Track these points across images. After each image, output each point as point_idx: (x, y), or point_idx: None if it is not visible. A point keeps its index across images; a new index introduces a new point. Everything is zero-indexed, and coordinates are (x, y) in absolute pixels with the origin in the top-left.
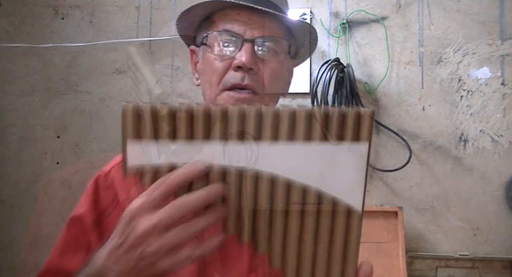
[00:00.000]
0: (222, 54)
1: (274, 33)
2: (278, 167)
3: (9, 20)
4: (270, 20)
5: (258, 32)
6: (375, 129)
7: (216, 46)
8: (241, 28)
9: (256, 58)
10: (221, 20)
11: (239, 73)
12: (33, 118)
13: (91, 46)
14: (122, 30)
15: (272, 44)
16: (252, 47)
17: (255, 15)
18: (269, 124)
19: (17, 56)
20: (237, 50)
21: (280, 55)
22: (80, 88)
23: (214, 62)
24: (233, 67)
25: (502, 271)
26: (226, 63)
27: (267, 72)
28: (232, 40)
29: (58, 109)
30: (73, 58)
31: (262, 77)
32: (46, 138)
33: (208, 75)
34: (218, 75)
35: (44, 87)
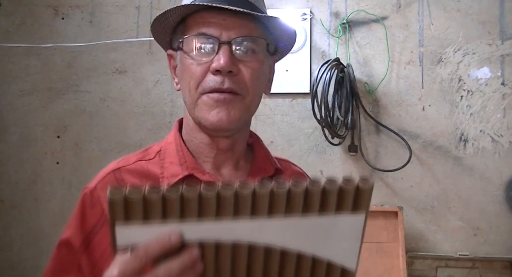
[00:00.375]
0: (199, 58)
1: (251, 32)
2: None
3: (9, 20)
4: (245, 20)
5: (234, 33)
6: (376, 129)
7: (193, 50)
8: (217, 30)
9: (234, 60)
10: (195, 23)
11: (218, 77)
12: (33, 118)
13: (91, 46)
14: (122, 30)
15: (250, 43)
16: (230, 49)
17: (230, 16)
18: (264, 205)
19: (17, 56)
20: (215, 53)
21: (259, 54)
22: (80, 88)
23: (191, 67)
24: (212, 71)
25: (502, 271)
26: (204, 67)
27: (248, 73)
28: (208, 43)
29: (58, 109)
30: (73, 58)
31: (243, 78)
32: (46, 138)
33: (187, 80)
34: (196, 79)
35: (44, 87)
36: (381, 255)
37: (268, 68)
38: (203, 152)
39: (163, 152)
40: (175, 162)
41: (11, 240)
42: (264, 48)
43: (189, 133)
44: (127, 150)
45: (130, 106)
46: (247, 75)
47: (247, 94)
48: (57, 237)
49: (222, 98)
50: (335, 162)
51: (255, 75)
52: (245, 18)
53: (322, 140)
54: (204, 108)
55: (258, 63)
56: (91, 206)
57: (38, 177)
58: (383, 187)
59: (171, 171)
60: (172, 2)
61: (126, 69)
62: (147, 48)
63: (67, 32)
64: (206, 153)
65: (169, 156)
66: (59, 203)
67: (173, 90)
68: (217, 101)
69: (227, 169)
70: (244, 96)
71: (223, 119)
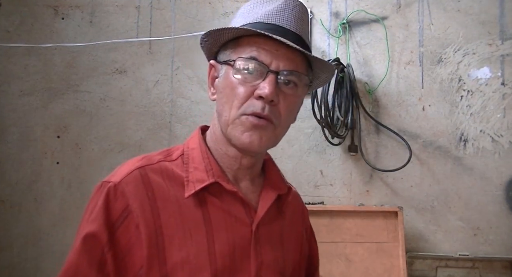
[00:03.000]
0: (246, 79)
1: (298, 67)
2: None
3: (9, 20)
4: (295, 54)
5: (283, 64)
6: (376, 129)
7: (241, 70)
8: (268, 58)
9: (277, 90)
10: (248, 46)
11: (261, 102)
12: (33, 118)
13: (91, 46)
14: (122, 30)
15: (294, 78)
16: (276, 79)
17: (282, 48)
18: None
19: (17, 56)
20: (261, 79)
21: (299, 89)
22: (80, 88)
23: (237, 86)
24: (256, 96)
25: (502, 271)
26: (249, 89)
27: (285, 105)
28: (257, 68)
29: (58, 109)
30: (73, 58)
31: (280, 109)
32: (46, 138)
33: (229, 97)
34: (239, 100)
35: (44, 87)
36: (381, 255)
37: (301, 101)
38: (225, 163)
39: (186, 157)
40: (201, 168)
41: (11, 240)
42: (305, 84)
43: (215, 143)
44: (127, 150)
45: (130, 106)
46: (284, 107)
47: (279, 124)
48: (57, 237)
49: (259, 124)
50: (335, 162)
51: (291, 108)
52: (295, 52)
53: (322, 140)
54: (240, 128)
55: (296, 97)
56: (115, 200)
57: (38, 177)
58: (383, 187)
59: (196, 176)
60: (172, 3)
61: (126, 69)
62: (147, 48)
63: (67, 32)
64: (228, 164)
65: (193, 161)
66: (59, 203)
67: (173, 90)
68: (254, 126)
69: (244, 182)
70: (276, 126)
71: (254, 143)
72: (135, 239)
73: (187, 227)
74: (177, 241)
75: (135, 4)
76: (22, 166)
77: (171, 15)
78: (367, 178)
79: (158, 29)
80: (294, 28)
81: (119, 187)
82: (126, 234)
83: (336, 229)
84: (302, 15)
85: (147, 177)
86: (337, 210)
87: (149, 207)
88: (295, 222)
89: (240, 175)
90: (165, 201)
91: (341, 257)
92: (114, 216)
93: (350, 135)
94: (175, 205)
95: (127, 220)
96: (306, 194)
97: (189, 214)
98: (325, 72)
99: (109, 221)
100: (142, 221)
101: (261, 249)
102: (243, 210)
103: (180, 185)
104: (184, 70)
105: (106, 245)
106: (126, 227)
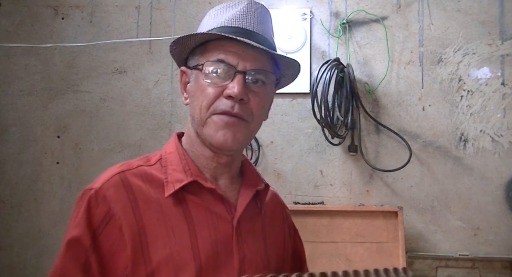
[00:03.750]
0: (215, 81)
1: (264, 66)
2: None
3: (9, 20)
4: (261, 54)
5: (250, 64)
6: (376, 129)
7: (210, 73)
8: (235, 59)
9: (246, 89)
10: (216, 49)
11: (230, 101)
12: (33, 118)
13: (91, 46)
14: (122, 30)
15: (262, 76)
16: (244, 78)
17: (248, 48)
18: None
19: (17, 56)
20: (229, 80)
21: (267, 87)
22: (80, 88)
23: (206, 88)
24: (225, 96)
25: (502, 271)
26: (218, 90)
27: (255, 102)
28: (225, 70)
29: (58, 109)
30: (73, 58)
31: (251, 107)
32: (46, 138)
33: (200, 99)
34: (209, 100)
35: (44, 87)
36: (381, 255)
37: (271, 98)
38: (203, 163)
39: (164, 160)
40: (179, 169)
41: (11, 240)
42: (272, 82)
43: (190, 145)
44: (127, 150)
45: (130, 106)
46: (254, 104)
47: (252, 121)
48: (57, 237)
49: (231, 121)
50: (335, 162)
51: (261, 104)
52: (260, 52)
53: (322, 140)
54: (213, 127)
55: (265, 94)
56: (97, 205)
57: (38, 177)
58: (383, 187)
59: (175, 177)
60: (172, 3)
61: (126, 69)
62: (147, 48)
63: (67, 32)
64: (205, 164)
65: (171, 164)
66: (59, 203)
67: (173, 90)
68: (226, 123)
69: (223, 180)
70: (249, 122)
71: (228, 140)
72: (118, 241)
73: (169, 226)
74: (161, 239)
75: (135, 4)
76: (22, 166)
77: (171, 15)
78: (367, 178)
79: (158, 29)
80: (257, 29)
81: (100, 193)
82: (109, 237)
83: (336, 229)
84: (264, 17)
85: (128, 181)
86: (337, 210)
87: (131, 209)
88: (276, 219)
89: (218, 173)
90: (147, 202)
91: (341, 257)
92: (96, 221)
93: (350, 135)
94: (157, 205)
95: (110, 224)
96: (306, 194)
97: (170, 213)
98: (290, 69)
99: (91, 226)
100: (124, 223)
101: (243, 244)
102: (223, 207)
103: (160, 186)
104: None
105: (89, 249)
106: (109, 231)
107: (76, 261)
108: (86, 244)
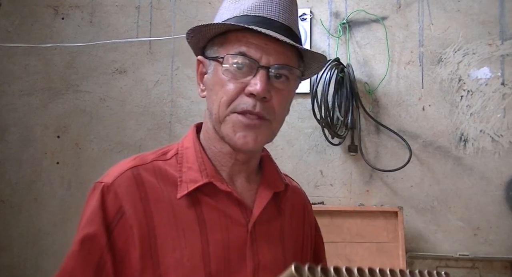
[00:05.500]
0: (235, 76)
1: (289, 61)
2: None
3: (9, 20)
4: (285, 47)
5: (274, 59)
6: (376, 129)
7: (230, 67)
8: (258, 53)
9: (269, 86)
10: (237, 41)
11: (252, 100)
12: (33, 118)
13: (91, 46)
14: (122, 30)
15: (286, 71)
16: (267, 74)
17: (272, 42)
18: None
19: (17, 56)
20: (251, 75)
21: (291, 82)
22: (80, 88)
23: (226, 83)
24: (246, 93)
25: (502, 271)
26: (239, 86)
27: (278, 100)
28: (247, 64)
29: (58, 109)
30: (73, 58)
31: (273, 104)
32: (46, 138)
33: (219, 94)
34: (229, 97)
35: (44, 87)
36: (381, 255)
37: (294, 93)
38: (220, 161)
39: (180, 156)
40: (194, 168)
41: (11, 240)
42: (296, 77)
43: (208, 141)
44: (127, 150)
45: (130, 106)
46: (277, 102)
47: (274, 120)
48: (57, 237)
49: (252, 123)
50: (335, 162)
51: (284, 102)
52: (285, 45)
53: (322, 140)
54: (231, 127)
55: (288, 91)
56: (109, 200)
57: (38, 177)
58: (383, 187)
59: (190, 177)
60: (172, 3)
61: (126, 69)
62: (147, 48)
63: (67, 32)
64: (223, 161)
65: (187, 161)
66: (59, 203)
67: (173, 90)
68: (246, 125)
69: (240, 180)
70: (271, 122)
71: (249, 143)
72: (130, 239)
73: (180, 228)
74: (171, 242)
75: (135, 4)
76: (22, 166)
77: (171, 15)
78: (367, 178)
79: (158, 29)
80: (282, 19)
81: (111, 188)
82: (122, 234)
83: (336, 229)
84: (290, 5)
85: (140, 177)
86: (337, 210)
87: (142, 208)
88: (296, 218)
89: (235, 171)
90: (158, 202)
91: (341, 257)
92: (110, 216)
93: (350, 135)
94: (168, 206)
95: (122, 220)
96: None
97: (182, 215)
98: (316, 62)
99: (106, 221)
100: (135, 223)
101: (258, 250)
102: (239, 210)
103: (174, 185)
104: (184, 70)
105: (105, 248)
106: (122, 227)
107: (89, 261)
108: (101, 242)
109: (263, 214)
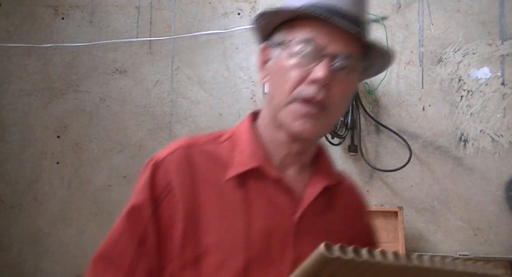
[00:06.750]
0: (300, 62)
1: (355, 52)
2: None
3: (9, 20)
4: (353, 38)
5: (340, 48)
6: (376, 129)
7: (295, 53)
8: (325, 41)
9: (332, 76)
10: (304, 28)
11: (314, 87)
12: (33, 118)
13: (91, 46)
14: (122, 30)
15: (350, 62)
16: (331, 63)
17: (340, 31)
18: None
19: (17, 56)
20: (316, 63)
21: (354, 75)
22: (80, 88)
23: (290, 69)
24: (309, 81)
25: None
26: (303, 74)
27: (338, 90)
28: (312, 52)
29: (58, 109)
30: (73, 58)
31: (334, 94)
32: (46, 138)
33: (281, 81)
34: (292, 84)
35: (44, 87)
36: None
37: (356, 88)
38: (274, 149)
39: (234, 140)
40: (246, 153)
41: (11, 240)
42: (360, 70)
43: (264, 127)
44: (127, 150)
45: (130, 106)
46: (338, 93)
47: (333, 110)
48: (57, 237)
49: (312, 112)
50: (335, 162)
51: (344, 93)
52: (353, 36)
53: (322, 140)
54: (291, 115)
55: (351, 83)
56: (158, 175)
57: (38, 177)
58: (383, 187)
59: (240, 160)
60: (172, 3)
61: (126, 69)
62: (147, 48)
63: (67, 32)
64: (277, 150)
65: (240, 145)
66: (59, 203)
67: (173, 90)
68: (306, 113)
69: (292, 170)
70: (330, 112)
71: (306, 131)
72: (175, 215)
73: (224, 211)
74: (213, 224)
75: (135, 4)
76: (22, 166)
77: (171, 15)
78: (367, 178)
79: (158, 29)
80: (352, 10)
81: (163, 164)
82: (168, 208)
83: None
84: None
85: (191, 157)
86: None
87: (190, 187)
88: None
89: (287, 161)
90: (206, 182)
91: None
92: (158, 190)
93: (350, 135)
94: (215, 188)
95: (169, 196)
96: None
97: (228, 198)
98: (382, 58)
99: (153, 195)
100: (181, 200)
101: (302, 242)
102: (287, 199)
103: (223, 168)
104: (184, 70)
105: (150, 219)
106: (169, 203)
107: (134, 229)
108: (147, 213)
109: (312, 207)
